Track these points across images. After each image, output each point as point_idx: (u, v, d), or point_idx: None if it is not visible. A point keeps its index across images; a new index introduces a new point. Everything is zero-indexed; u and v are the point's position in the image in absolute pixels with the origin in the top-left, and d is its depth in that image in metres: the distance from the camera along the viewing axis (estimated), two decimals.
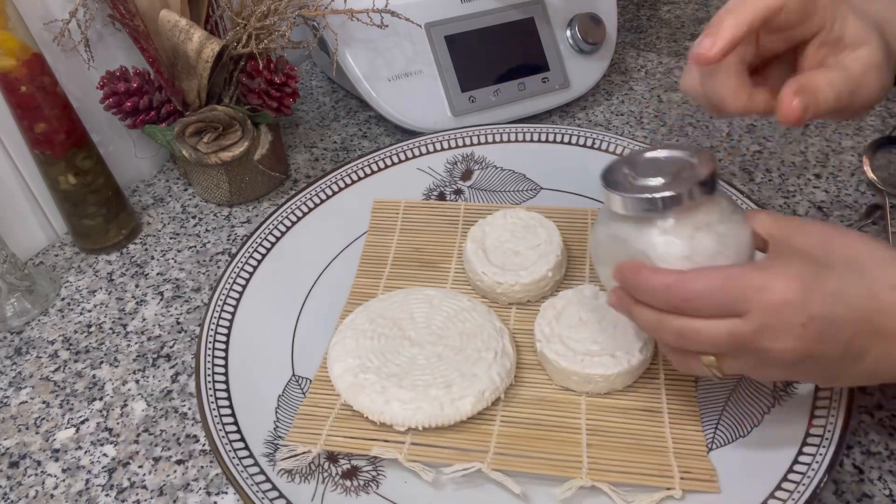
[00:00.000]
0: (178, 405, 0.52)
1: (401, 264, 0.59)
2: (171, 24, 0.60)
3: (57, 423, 0.51)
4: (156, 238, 0.66)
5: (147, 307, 0.59)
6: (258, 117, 0.67)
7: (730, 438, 0.45)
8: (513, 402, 0.48)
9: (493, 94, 0.73)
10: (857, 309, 0.35)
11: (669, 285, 0.37)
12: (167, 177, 0.74)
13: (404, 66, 0.72)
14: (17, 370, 0.55)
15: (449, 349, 0.49)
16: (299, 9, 0.64)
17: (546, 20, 0.75)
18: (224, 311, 0.54)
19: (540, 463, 0.44)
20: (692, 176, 0.39)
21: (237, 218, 0.68)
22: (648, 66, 0.87)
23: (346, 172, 0.65)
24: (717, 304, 0.36)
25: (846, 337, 0.35)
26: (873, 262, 0.37)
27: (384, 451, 0.45)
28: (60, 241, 0.67)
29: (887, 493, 0.44)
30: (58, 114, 0.57)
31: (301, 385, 0.50)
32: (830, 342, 0.35)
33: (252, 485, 0.43)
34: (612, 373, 0.46)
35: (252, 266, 0.57)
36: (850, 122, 0.75)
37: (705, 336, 0.36)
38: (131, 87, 0.62)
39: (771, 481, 0.42)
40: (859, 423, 0.48)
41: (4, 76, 0.54)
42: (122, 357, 0.56)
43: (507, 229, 0.57)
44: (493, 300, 0.55)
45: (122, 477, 0.48)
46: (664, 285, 0.37)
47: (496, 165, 0.67)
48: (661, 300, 0.38)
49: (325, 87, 0.86)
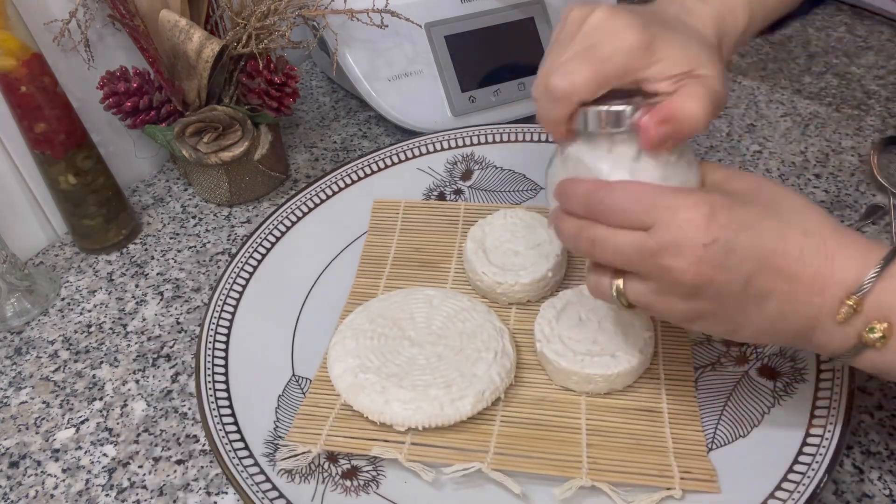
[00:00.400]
0: (178, 405, 0.52)
1: (401, 264, 0.59)
2: (171, 24, 0.60)
3: (57, 423, 0.51)
4: (156, 238, 0.66)
5: (147, 307, 0.59)
6: (258, 117, 0.67)
7: (730, 438, 0.45)
8: (513, 402, 0.48)
9: (493, 94, 0.73)
10: (761, 245, 0.36)
11: (590, 191, 0.39)
12: (167, 177, 0.74)
13: (404, 66, 0.72)
14: (17, 370, 0.55)
15: (449, 349, 0.49)
16: (299, 9, 0.64)
17: (546, 20, 0.75)
18: (224, 311, 0.54)
19: (540, 463, 0.44)
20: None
21: (237, 218, 0.68)
22: None
23: (346, 172, 0.65)
24: (628, 214, 0.37)
25: (747, 270, 0.36)
26: (792, 209, 0.38)
27: (384, 451, 0.45)
28: (60, 241, 0.67)
29: (887, 493, 0.44)
30: (58, 114, 0.57)
31: (301, 385, 0.50)
32: (731, 272, 0.35)
33: (252, 485, 0.43)
34: (612, 373, 0.46)
35: (252, 266, 0.57)
36: (850, 122, 0.75)
37: (613, 245, 0.38)
38: (131, 87, 0.62)
39: (771, 481, 0.42)
40: (859, 423, 0.48)
41: (4, 76, 0.54)
42: (122, 357, 0.56)
43: (507, 229, 0.57)
44: (493, 300, 0.55)
45: (122, 477, 0.48)
46: (586, 190, 0.39)
47: (496, 165, 0.67)
48: (582, 206, 0.39)
49: (325, 87, 0.86)
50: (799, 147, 0.72)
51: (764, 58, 0.88)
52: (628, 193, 0.37)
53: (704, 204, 0.36)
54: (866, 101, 0.78)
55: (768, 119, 0.76)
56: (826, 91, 0.80)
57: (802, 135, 0.73)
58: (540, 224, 0.57)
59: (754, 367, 0.49)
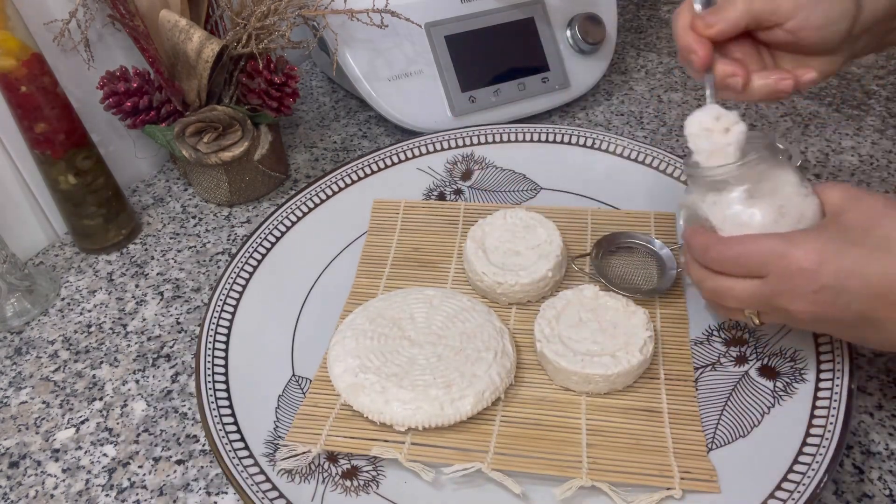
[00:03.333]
0: (178, 405, 0.52)
1: (401, 264, 0.59)
2: (171, 24, 0.60)
3: (57, 423, 0.51)
4: (156, 238, 0.66)
5: (147, 307, 0.59)
6: (258, 117, 0.67)
7: (730, 438, 0.45)
8: (513, 402, 0.48)
9: (493, 94, 0.73)
10: (870, 286, 0.38)
11: (707, 246, 0.43)
12: (167, 177, 0.74)
13: (404, 66, 0.72)
14: (17, 370, 0.55)
15: (449, 349, 0.49)
16: (299, 9, 0.64)
17: (546, 20, 0.75)
18: (224, 311, 0.54)
19: (540, 463, 0.44)
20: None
21: (237, 218, 0.68)
22: (648, 66, 0.87)
23: (346, 172, 0.65)
24: (742, 266, 0.41)
25: (857, 308, 0.38)
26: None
27: (384, 451, 0.45)
28: (60, 241, 0.67)
29: (887, 493, 0.44)
30: (58, 114, 0.57)
31: (301, 385, 0.50)
32: (842, 310, 0.39)
33: (252, 485, 0.43)
34: (612, 373, 0.46)
35: (252, 266, 0.58)
36: (850, 122, 0.75)
37: (732, 294, 0.42)
38: (131, 87, 0.62)
39: (771, 481, 0.42)
40: (859, 423, 0.48)
41: (4, 76, 0.54)
42: (122, 357, 0.56)
43: (507, 229, 0.57)
44: (493, 300, 0.55)
45: (122, 477, 0.48)
46: (703, 245, 0.43)
47: (496, 165, 0.67)
48: (701, 258, 0.43)
49: (325, 87, 0.86)
50: (799, 147, 0.72)
51: None
52: (742, 248, 0.41)
53: (813, 252, 0.38)
54: (866, 101, 0.78)
55: (768, 119, 0.76)
56: (826, 91, 0.80)
57: (802, 135, 0.73)
58: (540, 224, 0.57)
59: (754, 367, 0.49)
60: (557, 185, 0.65)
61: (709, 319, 0.53)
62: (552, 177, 0.65)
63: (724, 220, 0.44)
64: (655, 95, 0.81)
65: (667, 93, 0.82)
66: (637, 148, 0.65)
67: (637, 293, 0.53)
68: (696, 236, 0.44)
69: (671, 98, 0.81)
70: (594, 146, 0.67)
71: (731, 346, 0.51)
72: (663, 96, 0.81)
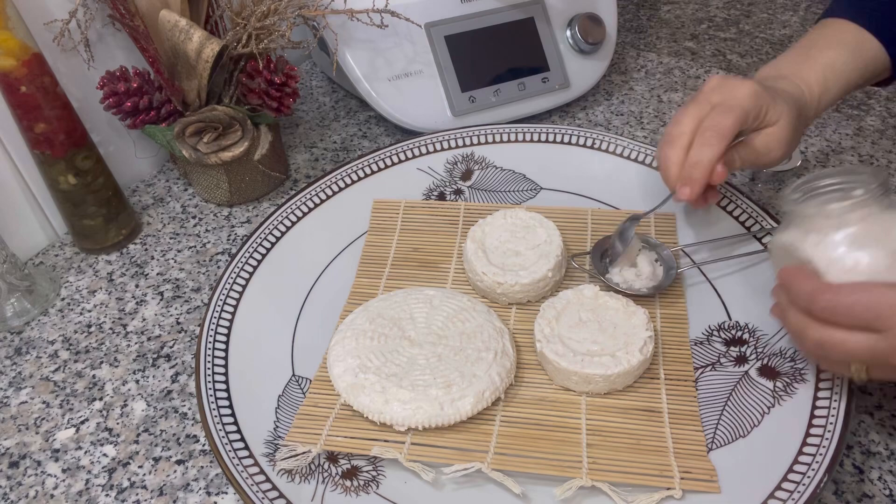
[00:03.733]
0: (178, 405, 0.52)
1: (401, 264, 0.59)
2: (171, 24, 0.60)
3: (57, 423, 0.51)
4: (156, 238, 0.66)
5: (147, 307, 0.59)
6: (258, 117, 0.67)
7: (730, 438, 0.45)
8: (513, 402, 0.48)
9: (493, 94, 0.73)
10: None
11: (814, 292, 0.39)
12: (167, 177, 0.74)
13: (404, 66, 0.72)
14: (17, 370, 0.55)
15: (449, 349, 0.49)
16: (299, 9, 0.64)
17: (546, 20, 0.75)
18: (224, 311, 0.54)
19: (540, 463, 0.44)
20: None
21: (237, 218, 0.68)
22: (648, 66, 0.87)
23: (346, 172, 0.65)
24: (857, 317, 0.37)
25: None
26: None
27: (384, 451, 0.45)
28: (60, 241, 0.67)
29: (887, 493, 0.44)
30: (58, 114, 0.57)
31: (301, 385, 0.50)
32: None
33: (252, 485, 0.43)
34: (612, 373, 0.46)
35: (252, 266, 0.57)
36: (849, 122, 0.75)
37: (844, 349, 0.38)
38: (131, 87, 0.62)
39: (771, 481, 0.42)
40: (859, 423, 0.48)
41: (4, 76, 0.54)
42: (122, 357, 0.56)
43: (507, 229, 0.57)
44: (493, 300, 0.55)
45: (122, 477, 0.48)
46: (809, 291, 0.39)
47: (496, 165, 0.67)
48: (806, 305, 0.40)
49: (325, 87, 0.86)
50: (799, 147, 0.72)
51: (764, 58, 0.88)
52: (857, 298, 0.37)
53: None
54: (866, 101, 0.78)
55: None
56: None
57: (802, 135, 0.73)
58: (540, 224, 0.57)
59: (754, 367, 0.49)
60: (557, 185, 0.65)
61: (709, 319, 0.53)
62: (552, 177, 0.65)
63: (830, 263, 0.40)
64: (655, 95, 0.81)
65: (667, 93, 0.82)
66: (637, 148, 0.65)
67: (637, 293, 0.53)
68: (800, 280, 0.40)
69: (671, 98, 0.81)
70: (594, 146, 0.67)
71: (731, 346, 0.51)
72: (663, 96, 0.81)
